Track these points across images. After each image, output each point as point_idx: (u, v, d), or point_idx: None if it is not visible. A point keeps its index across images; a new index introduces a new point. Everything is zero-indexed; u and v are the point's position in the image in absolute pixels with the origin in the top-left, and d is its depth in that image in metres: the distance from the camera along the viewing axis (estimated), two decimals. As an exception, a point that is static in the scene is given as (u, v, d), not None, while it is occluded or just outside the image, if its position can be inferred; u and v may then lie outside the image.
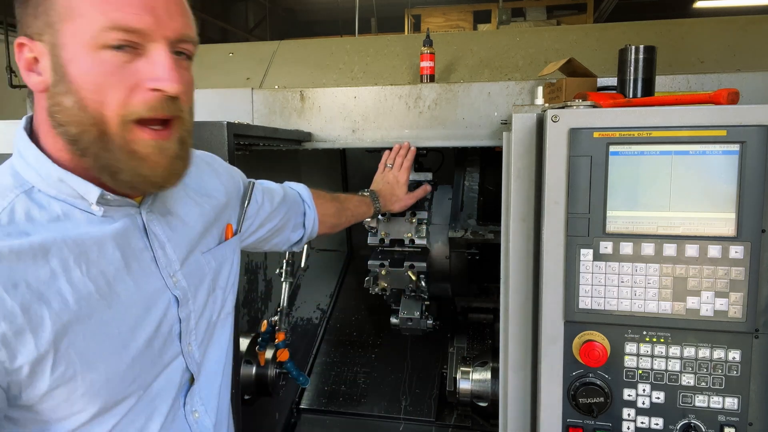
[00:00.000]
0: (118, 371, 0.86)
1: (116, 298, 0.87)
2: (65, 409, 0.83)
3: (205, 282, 1.05)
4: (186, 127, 0.91)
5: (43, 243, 0.81)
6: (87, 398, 0.83)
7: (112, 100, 0.82)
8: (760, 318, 1.09)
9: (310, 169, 2.74)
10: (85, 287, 0.83)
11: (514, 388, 1.27)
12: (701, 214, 1.10)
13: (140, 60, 0.83)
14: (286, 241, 1.47)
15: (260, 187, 1.36)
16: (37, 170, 0.86)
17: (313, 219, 1.50)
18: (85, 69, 0.82)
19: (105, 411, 0.87)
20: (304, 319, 2.60)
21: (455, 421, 2.17)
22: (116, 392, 0.87)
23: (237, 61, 2.30)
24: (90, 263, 0.85)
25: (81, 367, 0.82)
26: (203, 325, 1.05)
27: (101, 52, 0.81)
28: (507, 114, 1.74)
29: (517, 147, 1.22)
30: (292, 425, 2.24)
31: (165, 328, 0.95)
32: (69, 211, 0.86)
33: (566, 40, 2.06)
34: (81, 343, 0.81)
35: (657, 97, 1.22)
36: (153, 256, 0.95)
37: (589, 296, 1.14)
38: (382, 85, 1.88)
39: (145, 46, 0.83)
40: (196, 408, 1.04)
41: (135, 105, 0.83)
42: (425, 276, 1.98)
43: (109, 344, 0.85)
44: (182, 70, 0.88)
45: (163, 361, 0.95)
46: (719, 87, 1.55)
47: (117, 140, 0.83)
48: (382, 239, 2.05)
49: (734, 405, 1.11)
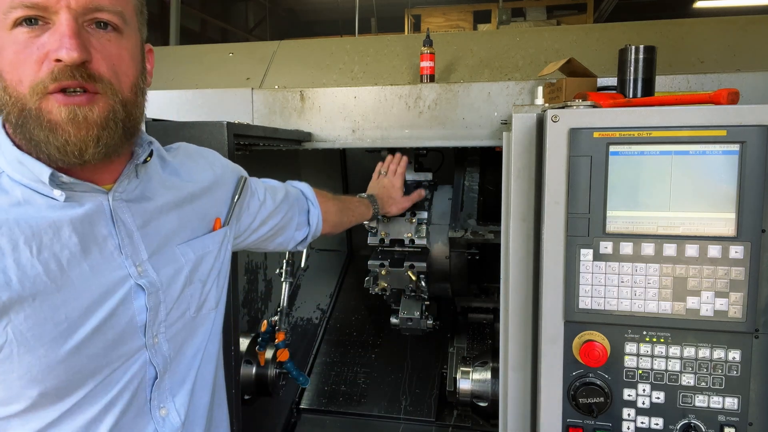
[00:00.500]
0: (61, 357, 0.85)
1: (68, 282, 0.86)
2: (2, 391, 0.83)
3: (182, 274, 1.03)
4: (116, 98, 0.88)
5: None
6: (24, 382, 0.83)
7: (25, 75, 0.83)
8: (760, 318, 1.09)
9: (310, 169, 2.74)
10: (33, 269, 0.83)
11: (514, 388, 1.27)
12: (701, 214, 1.10)
13: (47, 33, 0.83)
14: (291, 239, 1.47)
15: (262, 185, 1.36)
16: (5, 156, 0.88)
17: (317, 216, 1.50)
18: (3, 50, 0.84)
19: (48, 399, 0.86)
20: (304, 319, 2.60)
21: (455, 421, 2.17)
22: (58, 380, 0.86)
23: (237, 61, 2.30)
24: (42, 246, 0.85)
25: (18, 348, 0.82)
26: (175, 318, 1.02)
27: (13, 32, 0.83)
28: (507, 114, 1.74)
29: (517, 147, 1.22)
30: (292, 425, 2.24)
31: (123, 318, 0.93)
32: (30, 197, 0.87)
33: (566, 40, 2.06)
34: (21, 324, 0.82)
35: (657, 97, 1.22)
36: (118, 243, 0.94)
37: (589, 296, 1.14)
38: (382, 85, 1.88)
39: (52, 18, 0.83)
40: (164, 404, 1.01)
41: (41, 76, 0.82)
42: (425, 276, 1.98)
43: (52, 328, 0.84)
44: (99, 40, 0.86)
45: (120, 352, 0.93)
46: (719, 87, 1.55)
47: (34, 113, 0.84)
48: (382, 239, 2.05)
49: (734, 405, 1.11)
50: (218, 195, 1.18)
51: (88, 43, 0.85)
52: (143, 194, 1.01)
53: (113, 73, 0.88)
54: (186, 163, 1.14)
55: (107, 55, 0.87)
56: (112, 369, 0.92)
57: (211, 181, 1.17)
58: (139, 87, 0.95)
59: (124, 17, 0.90)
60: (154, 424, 1.00)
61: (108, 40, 0.88)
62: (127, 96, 0.91)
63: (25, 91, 0.83)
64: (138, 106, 0.95)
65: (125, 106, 0.90)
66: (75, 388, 0.88)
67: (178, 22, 6.18)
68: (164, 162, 1.10)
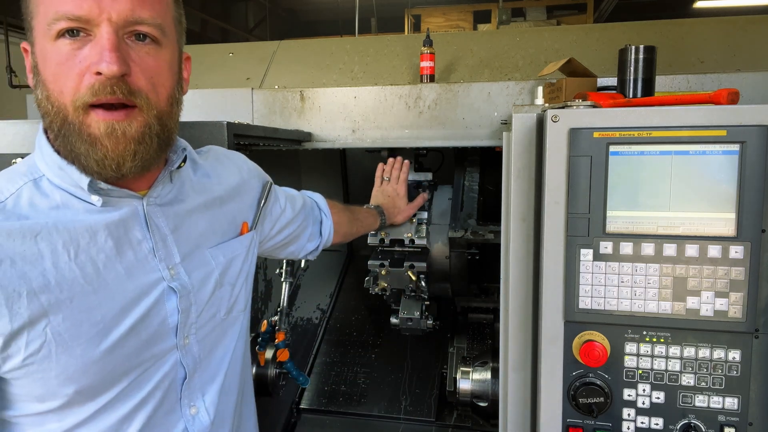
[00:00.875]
0: (96, 357, 0.88)
1: (103, 285, 0.89)
2: (40, 388, 0.86)
3: (212, 277, 1.06)
4: (152, 112, 0.90)
5: (33, 226, 0.85)
6: (61, 380, 0.86)
7: (67, 87, 0.85)
8: (760, 318, 1.09)
9: (310, 169, 2.74)
10: (71, 272, 0.86)
11: (514, 388, 1.27)
12: (701, 214, 1.10)
13: (88, 46, 0.85)
14: (302, 249, 1.49)
15: (283, 193, 1.38)
16: (46, 160, 0.91)
17: (329, 228, 1.52)
18: (46, 60, 0.86)
19: (84, 396, 0.89)
20: (304, 319, 2.60)
21: (455, 421, 2.17)
22: (93, 379, 0.89)
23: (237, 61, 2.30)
24: (79, 249, 0.88)
25: (56, 348, 0.84)
26: (206, 320, 1.05)
27: (56, 43, 0.85)
28: (507, 114, 1.74)
29: (517, 147, 1.22)
30: (292, 425, 2.24)
31: (156, 319, 0.95)
32: (68, 201, 0.90)
33: (566, 40, 2.06)
34: (59, 325, 0.84)
35: (657, 97, 1.22)
36: (152, 247, 0.96)
37: (589, 296, 1.14)
38: (382, 85, 1.88)
39: (93, 31, 0.85)
40: (195, 403, 1.04)
41: (82, 90, 0.84)
42: (425, 276, 1.98)
43: (88, 328, 0.87)
44: (138, 53, 0.88)
45: (153, 352, 0.95)
46: (719, 87, 1.55)
47: (75, 126, 0.86)
48: (382, 239, 2.05)
49: (734, 405, 1.11)
50: (245, 199, 1.21)
51: (128, 56, 0.86)
52: (176, 198, 1.04)
53: (151, 86, 0.90)
54: (216, 167, 1.17)
55: (145, 67, 0.89)
56: (144, 369, 0.95)
57: (239, 185, 1.19)
58: (174, 98, 0.97)
59: (163, 29, 0.91)
60: (184, 422, 1.02)
61: (146, 53, 0.90)
62: (163, 108, 0.93)
63: (67, 103, 0.85)
64: (173, 117, 0.97)
65: (160, 119, 0.92)
66: (109, 387, 0.91)
67: (178, 22, 6.16)
68: (195, 165, 1.13)
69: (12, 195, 0.88)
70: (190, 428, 1.03)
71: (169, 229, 1.00)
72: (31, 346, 0.83)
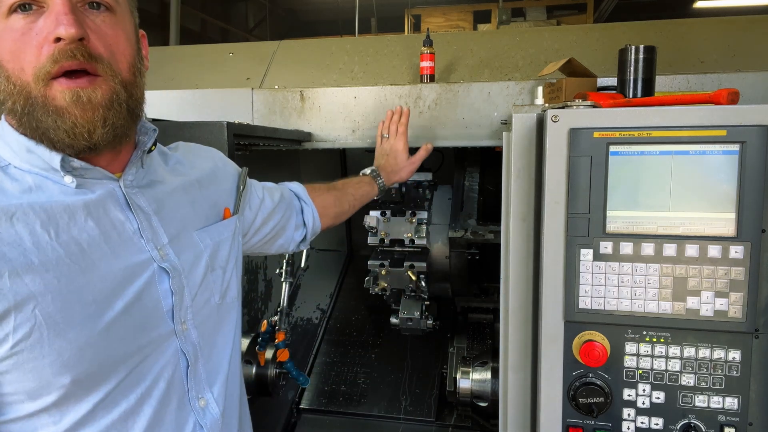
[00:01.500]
0: (91, 340, 0.84)
1: (92, 266, 0.86)
2: (33, 380, 0.81)
3: (202, 259, 1.04)
4: (116, 78, 0.88)
5: (7, 207, 0.82)
6: (56, 368, 0.82)
7: (27, 62, 0.82)
8: (760, 318, 1.09)
9: (310, 169, 2.74)
10: (54, 252, 0.83)
11: (514, 388, 1.27)
12: (701, 214, 1.10)
13: (42, 17, 0.83)
14: (291, 240, 1.46)
15: (260, 184, 1.37)
16: (11, 147, 0.88)
17: (311, 214, 1.49)
18: (1, 40, 0.83)
19: (81, 387, 0.85)
20: (304, 319, 2.60)
21: (455, 421, 2.17)
22: (90, 364, 0.84)
23: (237, 61, 2.30)
24: (59, 229, 0.85)
25: (48, 331, 0.81)
26: (201, 304, 1.02)
27: (9, 20, 0.83)
28: (507, 114, 1.74)
29: (517, 147, 1.22)
30: (292, 425, 2.24)
31: (149, 301, 0.93)
32: (41, 183, 0.88)
33: (566, 40, 2.06)
34: (48, 306, 0.81)
35: (657, 97, 1.22)
36: (137, 227, 0.95)
37: (589, 296, 1.14)
38: (382, 85, 1.88)
39: (45, 2, 0.83)
40: (202, 395, 1.01)
41: (42, 60, 0.82)
42: (425, 276, 1.98)
43: (80, 310, 0.84)
44: (93, 20, 0.86)
45: (150, 337, 0.92)
46: (719, 87, 1.55)
47: (39, 100, 0.83)
48: (382, 239, 2.05)
49: (734, 405, 1.11)
50: (223, 185, 1.20)
51: (84, 23, 0.84)
52: (153, 180, 1.02)
53: (110, 53, 0.88)
54: (187, 155, 1.16)
55: (103, 35, 0.87)
56: (143, 356, 0.92)
57: (214, 171, 1.18)
58: (137, 68, 0.95)
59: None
60: (194, 415, 1.00)
61: (102, 21, 0.88)
62: (126, 77, 0.91)
63: (29, 79, 0.83)
64: (138, 87, 0.95)
65: (126, 87, 0.90)
66: (107, 376, 0.87)
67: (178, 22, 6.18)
68: (165, 156, 1.12)
69: None
70: (201, 422, 1.00)
71: (152, 209, 0.98)
72: (21, 331, 0.79)
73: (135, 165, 0.98)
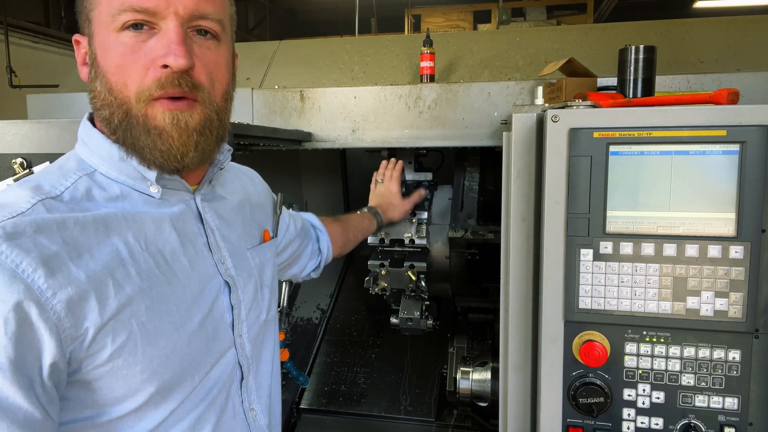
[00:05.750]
0: (176, 349, 0.87)
1: (174, 277, 0.89)
2: (122, 387, 0.82)
3: (253, 276, 1.07)
4: (212, 106, 0.91)
5: (105, 217, 0.84)
6: (145, 375, 0.83)
7: (131, 80, 0.85)
8: (760, 318, 1.09)
9: (310, 169, 2.74)
10: (146, 262, 0.86)
11: (514, 388, 1.27)
12: (701, 214, 1.09)
13: (154, 38, 0.85)
14: (303, 268, 1.51)
15: (287, 210, 1.41)
16: (99, 154, 0.90)
17: (326, 242, 1.55)
18: (108, 52, 0.85)
19: (161, 395, 0.86)
20: (304, 319, 2.60)
21: (455, 421, 2.17)
22: (173, 372, 0.87)
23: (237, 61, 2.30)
24: (148, 240, 0.88)
25: (142, 339, 0.82)
26: (253, 320, 1.06)
27: (120, 35, 0.84)
28: (507, 114, 1.74)
29: (517, 147, 1.22)
30: (292, 425, 2.24)
31: (217, 313, 0.96)
32: (128, 192, 0.90)
33: (566, 40, 2.06)
34: (142, 315, 0.83)
35: (657, 97, 1.22)
36: (206, 241, 0.98)
37: (589, 296, 1.14)
38: (382, 85, 1.88)
39: (159, 24, 0.85)
40: (254, 406, 1.05)
41: (148, 83, 0.84)
42: (425, 276, 1.98)
43: (168, 320, 0.86)
44: (200, 47, 0.88)
45: (217, 347, 0.95)
46: (719, 87, 1.55)
47: (138, 119, 0.86)
48: (382, 239, 2.05)
49: (734, 405, 1.11)
50: (263, 208, 1.24)
51: (191, 51, 0.86)
52: (216, 196, 1.06)
53: (210, 81, 0.90)
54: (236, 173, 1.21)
55: (206, 62, 0.89)
56: (211, 366, 0.94)
57: (254, 194, 1.22)
58: (229, 94, 0.98)
59: (223, 25, 0.92)
60: (248, 426, 1.03)
61: (208, 48, 0.90)
62: (219, 104, 0.93)
63: (130, 95, 0.85)
64: (227, 113, 0.98)
65: (218, 114, 0.93)
66: (184, 384, 0.89)
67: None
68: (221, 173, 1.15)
69: (68, 189, 0.85)
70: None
71: (216, 225, 1.01)
72: (119, 339, 0.80)
73: (208, 180, 1.01)
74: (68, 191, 0.85)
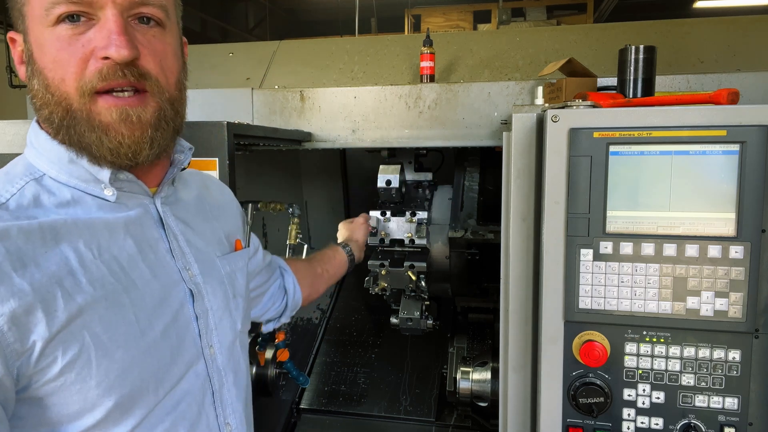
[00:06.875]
0: (136, 360, 0.82)
1: (132, 285, 0.84)
2: (77, 403, 0.78)
3: (223, 284, 1.02)
4: (163, 96, 0.86)
5: (53, 224, 0.79)
6: (102, 390, 0.79)
7: (69, 74, 0.80)
8: (760, 318, 1.09)
9: (310, 169, 2.74)
10: (98, 270, 0.81)
11: (514, 388, 1.27)
12: (701, 214, 1.09)
13: (92, 30, 0.80)
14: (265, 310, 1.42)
15: (255, 238, 1.34)
16: (47, 156, 0.85)
17: (292, 282, 1.47)
18: (44, 47, 0.81)
19: (121, 410, 0.81)
20: (304, 319, 2.60)
21: (455, 421, 2.17)
22: (133, 385, 0.82)
23: (237, 61, 2.30)
24: (101, 247, 0.83)
25: (96, 351, 0.78)
26: (226, 329, 1.01)
27: (55, 29, 0.80)
28: (507, 114, 1.74)
29: (517, 147, 1.22)
30: (292, 425, 2.24)
31: (182, 322, 0.91)
32: (80, 197, 0.85)
33: (566, 40, 2.06)
34: (96, 326, 0.78)
35: (657, 97, 1.22)
36: (169, 247, 0.93)
37: (589, 296, 1.14)
38: (382, 85, 1.88)
39: (96, 14, 0.80)
40: (229, 420, 1.00)
41: (88, 75, 0.80)
42: (425, 276, 1.98)
43: (126, 330, 0.81)
44: (144, 35, 0.84)
45: (184, 358, 0.90)
46: (719, 87, 1.55)
47: (82, 114, 0.81)
48: (382, 239, 2.05)
49: (734, 405, 1.11)
50: (232, 217, 1.18)
51: (135, 40, 0.82)
52: (178, 200, 1.00)
53: (160, 70, 0.86)
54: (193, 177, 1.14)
55: (153, 51, 0.85)
56: (178, 378, 0.89)
57: (223, 204, 1.17)
58: (182, 83, 0.93)
59: (167, 11, 0.87)
60: None
61: (153, 36, 0.85)
62: (173, 93, 0.89)
63: (70, 91, 0.80)
64: (183, 102, 0.93)
65: (173, 104, 0.89)
66: (146, 398, 0.84)
67: (179, 22, 6.17)
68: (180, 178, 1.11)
69: (13, 196, 0.80)
70: None
71: (179, 230, 0.96)
72: (70, 352, 0.75)
73: (168, 182, 0.96)
74: (14, 198, 0.80)
